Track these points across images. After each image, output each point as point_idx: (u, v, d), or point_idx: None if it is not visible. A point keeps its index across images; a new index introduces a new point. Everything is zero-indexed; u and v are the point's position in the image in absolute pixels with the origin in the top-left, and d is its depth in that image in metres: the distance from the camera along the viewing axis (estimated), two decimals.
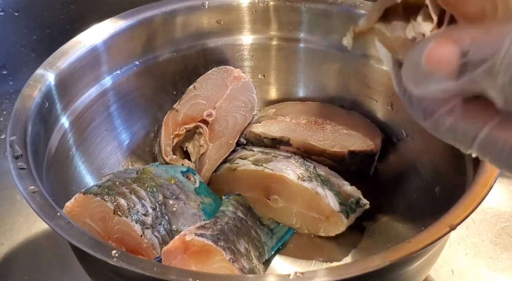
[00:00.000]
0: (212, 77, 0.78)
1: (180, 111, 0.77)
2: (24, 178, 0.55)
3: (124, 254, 0.49)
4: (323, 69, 0.81)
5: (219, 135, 0.76)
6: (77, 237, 0.50)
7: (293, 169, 0.70)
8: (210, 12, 0.79)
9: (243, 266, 0.59)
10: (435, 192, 0.68)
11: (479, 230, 0.74)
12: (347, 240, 0.71)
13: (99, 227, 0.62)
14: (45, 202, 0.53)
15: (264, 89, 0.84)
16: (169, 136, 0.76)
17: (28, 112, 0.63)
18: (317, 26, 0.79)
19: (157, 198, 0.66)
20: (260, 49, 0.82)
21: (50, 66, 0.68)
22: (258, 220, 0.71)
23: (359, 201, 0.69)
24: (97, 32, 0.73)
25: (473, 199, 0.53)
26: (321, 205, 0.68)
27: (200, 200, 0.69)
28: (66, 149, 0.69)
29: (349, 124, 0.76)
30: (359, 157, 0.74)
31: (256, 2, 0.79)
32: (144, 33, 0.77)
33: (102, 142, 0.75)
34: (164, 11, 0.77)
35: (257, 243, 0.66)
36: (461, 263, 0.71)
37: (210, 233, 0.61)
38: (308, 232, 0.72)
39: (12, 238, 0.75)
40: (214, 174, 0.75)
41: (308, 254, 0.70)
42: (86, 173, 0.72)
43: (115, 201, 0.63)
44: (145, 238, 0.62)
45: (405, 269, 0.54)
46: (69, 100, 0.70)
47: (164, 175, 0.69)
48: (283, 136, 0.76)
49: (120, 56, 0.75)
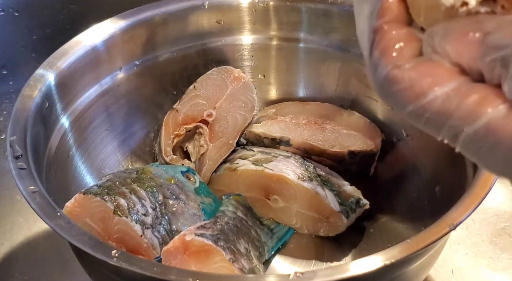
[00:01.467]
0: (212, 77, 0.78)
1: (180, 111, 0.77)
2: (24, 178, 0.55)
3: (124, 254, 0.49)
4: (323, 69, 0.81)
5: (219, 135, 0.76)
6: (77, 237, 0.50)
7: (293, 169, 0.70)
8: (210, 12, 0.79)
9: (243, 266, 0.59)
10: (435, 192, 0.68)
11: (479, 230, 0.74)
12: (347, 240, 0.71)
13: (99, 227, 0.62)
14: (45, 202, 0.53)
15: (264, 89, 0.84)
16: (169, 136, 0.76)
17: (28, 112, 0.63)
18: (317, 26, 0.79)
19: (157, 198, 0.66)
20: (260, 49, 0.82)
21: (50, 66, 0.68)
22: (258, 220, 0.71)
23: (359, 201, 0.69)
24: (97, 32, 0.73)
25: (473, 199, 0.53)
26: (321, 205, 0.68)
27: (200, 200, 0.69)
28: (66, 149, 0.69)
29: (349, 124, 0.76)
30: (359, 157, 0.74)
31: (256, 2, 0.79)
32: (144, 33, 0.77)
33: (102, 142, 0.75)
34: (164, 11, 0.77)
35: (257, 243, 0.66)
36: (461, 263, 0.71)
37: (210, 233, 0.61)
38: (308, 232, 0.72)
39: (12, 238, 0.75)
40: (214, 174, 0.75)
41: (308, 254, 0.70)
42: (86, 173, 0.72)
43: (115, 201, 0.63)
44: (145, 238, 0.62)
45: (405, 269, 0.54)
46: (69, 100, 0.70)
47: (164, 175, 0.69)
48: (283, 136, 0.75)
49: (120, 56, 0.75)
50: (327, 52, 0.80)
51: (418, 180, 0.72)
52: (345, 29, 0.78)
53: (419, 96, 0.31)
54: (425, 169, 0.71)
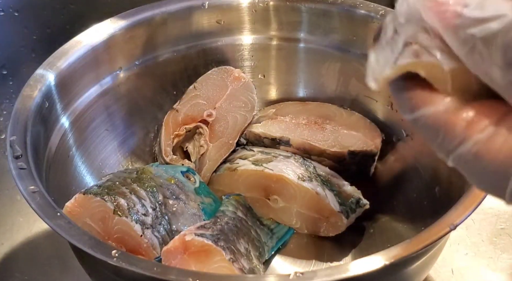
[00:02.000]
0: (212, 77, 0.78)
1: (180, 111, 0.77)
2: (24, 178, 0.55)
3: (124, 254, 0.49)
4: (323, 69, 0.81)
5: (219, 135, 0.76)
6: (77, 237, 0.50)
7: (293, 169, 0.70)
8: (210, 12, 0.79)
9: (243, 266, 0.59)
10: (435, 192, 0.68)
11: (479, 230, 0.74)
12: (347, 240, 0.71)
13: (99, 227, 0.62)
14: (45, 202, 0.53)
15: (264, 89, 0.84)
16: (169, 136, 0.76)
17: (28, 112, 0.63)
18: (317, 26, 0.79)
19: (157, 198, 0.66)
20: (260, 49, 0.82)
21: (50, 66, 0.68)
22: (258, 220, 0.71)
23: (359, 201, 0.69)
24: (97, 32, 0.73)
25: (473, 199, 0.53)
26: (321, 205, 0.68)
27: (200, 200, 0.69)
28: (66, 149, 0.69)
29: (349, 124, 0.76)
30: (359, 157, 0.74)
31: (256, 2, 0.79)
32: (144, 33, 0.77)
33: (102, 142, 0.75)
34: (164, 11, 0.77)
35: (257, 243, 0.66)
36: (461, 263, 0.71)
37: (210, 233, 0.61)
38: (308, 232, 0.72)
39: (12, 238, 0.75)
40: (214, 174, 0.75)
41: (308, 254, 0.70)
42: (86, 173, 0.72)
43: (115, 201, 0.63)
44: (145, 238, 0.62)
45: (405, 269, 0.54)
46: (69, 100, 0.70)
47: (164, 175, 0.69)
48: (283, 136, 0.75)
49: (120, 56, 0.75)
50: (327, 52, 0.80)
51: (418, 180, 0.72)
52: (345, 29, 0.78)
53: (413, 110, 0.31)
54: (425, 169, 0.71)
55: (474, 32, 0.27)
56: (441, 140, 0.30)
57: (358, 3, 0.76)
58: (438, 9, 0.28)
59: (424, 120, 0.30)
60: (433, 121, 0.30)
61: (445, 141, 0.30)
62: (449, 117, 0.29)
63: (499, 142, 0.28)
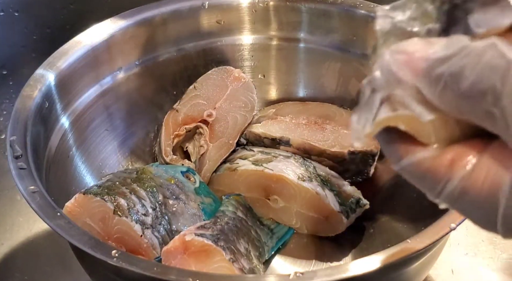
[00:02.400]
0: (212, 77, 0.78)
1: (180, 111, 0.77)
2: (24, 178, 0.55)
3: (124, 254, 0.49)
4: (323, 69, 0.81)
5: (219, 135, 0.76)
6: (77, 237, 0.50)
7: (293, 169, 0.70)
8: (210, 12, 0.79)
9: (243, 266, 0.59)
10: None
11: (479, 230, 0.73)
12: (347, 240, 0.71)
13: (99, 227, 0.62)
14: (45, 202, 0.53)
15: (264, 89, 0.84)
16: (169, 136, 0.76)
17: (28, 112, 0.63)
18: (317, 26, 0.79)
19: (157, 198, 0.66)
20: (260, 49, 0.82)
21: (50, 66, 0.68)
22: (258, 220, 0.71)
23: (359, 201, 0.69)
24: (97, 32, 0.73)
25: None
26: (321, 205, 0.68)
27: (200, 200, 0.69)
28: (66, 149, 0.69)
29: (349, 124, 0.76)
30: (359, 157, 0.74)
31: (256, 2, 0.79)
32: (144, 33, 0.77)
33: (102, 142, 0.75)
34: (164, 11, 0.77)
35: (257, 243, 0.66)
36: (461, 263, 0.71)
37: (210, 233, 0.61)
38: (308, 232, 0.72)
39: (12, 238, 0.75)
40: (214, 174, 0.75)
41: (308, 254, 0.70)
42: (86, 173, 0.72)
43: (115, 201, 0.63)
44: (145, 238, 0.62)
45: (405, 269, 0.54)
46: (69, 100, 0.70)
47: (164, 175, 0.69)
48: (283, 136, 0.75)
49: (120, 56, 0.75)
50: (327, 52, 0.80)
51: None
52: (345, 29, 0.78)
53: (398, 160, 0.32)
54: None
55: (442, 70, 0.28)
56: (429, 185, 0.31)
57: (358, 3, 0.76)
58: (407, 59, 0.29)
59: (409, 168, 0.31)
60: (418, 168, 0.31)
61: (433, 185, 0.31)
62: (432, 161, 0.30)
63: (482, 174, 0.28)
